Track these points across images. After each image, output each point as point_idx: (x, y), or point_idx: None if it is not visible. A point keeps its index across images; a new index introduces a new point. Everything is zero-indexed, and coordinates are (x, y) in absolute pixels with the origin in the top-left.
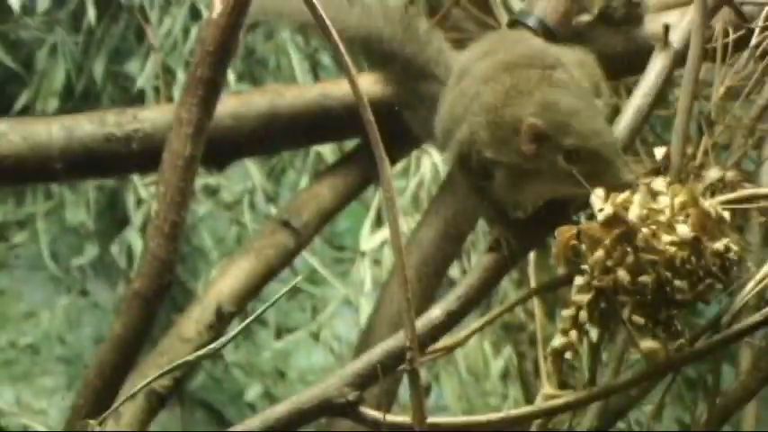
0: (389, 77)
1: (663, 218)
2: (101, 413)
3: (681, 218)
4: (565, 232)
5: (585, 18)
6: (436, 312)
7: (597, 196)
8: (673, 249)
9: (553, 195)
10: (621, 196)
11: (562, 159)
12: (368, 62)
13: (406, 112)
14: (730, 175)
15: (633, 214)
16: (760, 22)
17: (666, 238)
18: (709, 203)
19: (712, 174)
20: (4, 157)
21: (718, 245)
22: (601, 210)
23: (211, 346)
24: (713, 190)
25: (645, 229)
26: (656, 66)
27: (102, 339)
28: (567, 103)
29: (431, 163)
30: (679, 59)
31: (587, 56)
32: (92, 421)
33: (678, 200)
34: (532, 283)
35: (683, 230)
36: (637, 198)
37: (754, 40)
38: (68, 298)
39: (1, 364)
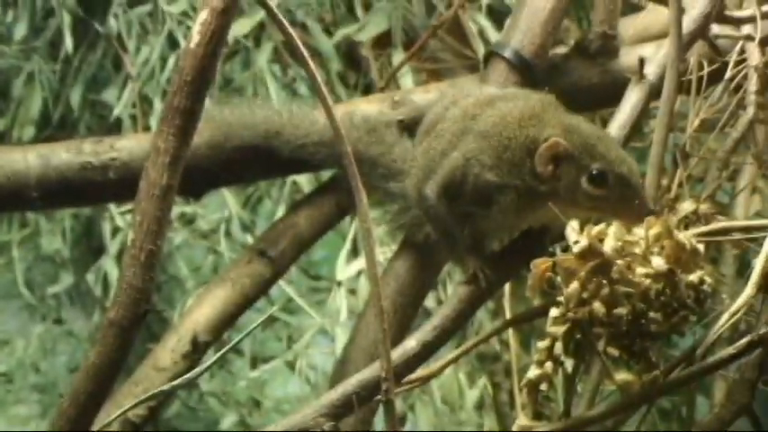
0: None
1: (638, 250)
2: None
3: (655, 250)
4: (540, 264)
5: (561, 50)
6: (411, 343)
7: (572, 228)
8: (647, 281)
9: (555, 220)
10: (596, 228)
11: (586, 182)
12: (339, 167)
13: (380, 211)
14: (704, 207)
15: (608, 246)
16: (734, 56)
17: (641, 270)
18: (684, 236)
19: (686, 206)
20: None
21: (693, 277)
22: (576, 242)
23: (187, 375)
24: (687, 222)
25: (620, 261)
26: (632, 98)
27: (77, 368)
28: (587, 128)
29: None
30: (654, 92)
31: (547, 96)
32: None
33: (653, 232)
34: (508, 314)
35: (658, 263)
36: (611, 230)
37: (728, 74)
38: (43, 326)
39: None
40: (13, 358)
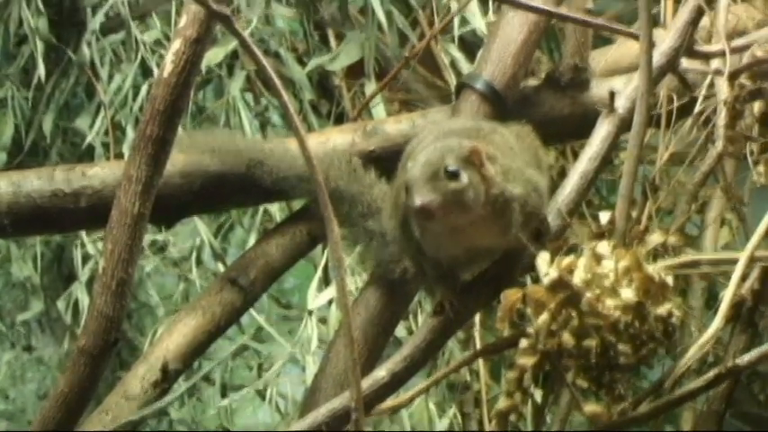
0: (340, 218)
1: (607, 282)
2: None
3: (625, 282)
4: (510, 295)
5: (533, 82)
6: (381, 373)
7: (542, 260)
8: (617, 314)
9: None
10: (566, 260)
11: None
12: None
13: (360, 248)
14: (672, 239)
15: (578, 278)
16: (703, 90)
17: (610, 302)
18: (653, 268)
19: (654, 238)
20: None
21: (662, 309)
22: (546, 273)
23: (156, 404)
24: (655, 254)
25: (589, 294)
26: (602, 131)
27: (47, 395)
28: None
29: None
30: (625, 125)
31: (524, 127)
32: None
33: (622, 264)
34: (478, 345)
35: (627, 295)
36: (581, 262)
37: (697, 108)
38: (13, 353)
39: None
40: None
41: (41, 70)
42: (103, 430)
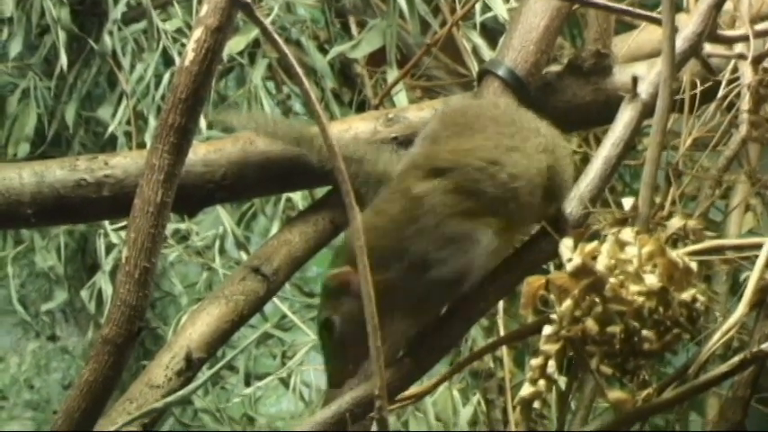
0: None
1: (630, 268)
2: None
3: (648, 268)
4: (533, 282)
5: (555, 68)
6: (405, 360)
7: (565, 246)
8: (640, 300)
9: None
10: (590, 246)
11: None
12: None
13: None
14: (692, 224)
15: (601, 264)
16: (726, 75)
17: (634, 288)
18: (677, 254)
19: (674, 222)
20: None
21: (686, 295)
22: (569, 260)
23: (180, 392)
24: (677, 239)
25: (613, 280)
26: (625, 116)
27: (71, 385)
28: None
29: None
30: (647, 110)
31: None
32: None
33: (646, 250)
34: (501, 332)
35: (651, 281)
36: (605, 248)
37: (720, 93)
38: (37, 343)
39: None
40: (6, 375)
41: (64, 60)
42: (128, 418)
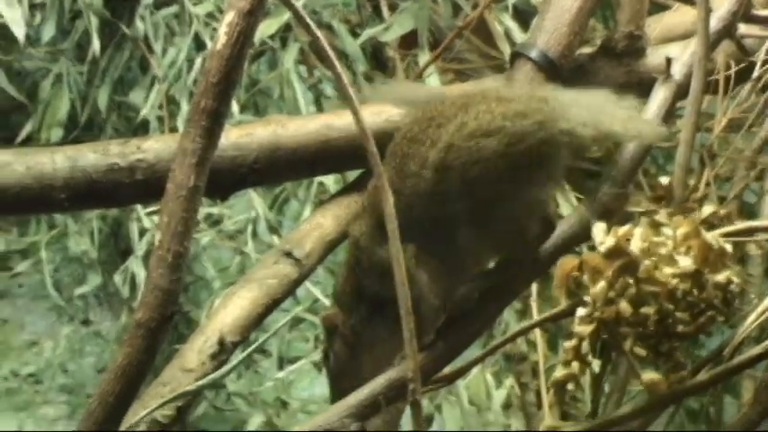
0: None
1: (664, 250)
2: None
3: (683, 250)
4: (566, 263)
5: (588, 50)
6: (438, 343)
7: (599, 228)
8: (674, 281)
9: None
10: (623, 228)
11: None
12: None
13: None
14: (723, 211)
15: (635, 246)
16: (761, 56)
17: (668, 270)
18: (711, 235)
19: (706, 209)
20: (9, 187)
21: (720, 277)
22: (602, 242)
23: (213, 375)
24: (711, 222)
25: (647, 261)
26: (659, 98)
27: (105, 369)
28: None
29: None
30: (681, 92)
31: None
32: None
33: (680, 232)
34: (535, 314)
35: (685, 263)
36: (639, 230)
37: (755, 73)
38: (71, 327)
39: (3, 393)
40: (41, 359)
41: (96, 45)
42: (161, 401)
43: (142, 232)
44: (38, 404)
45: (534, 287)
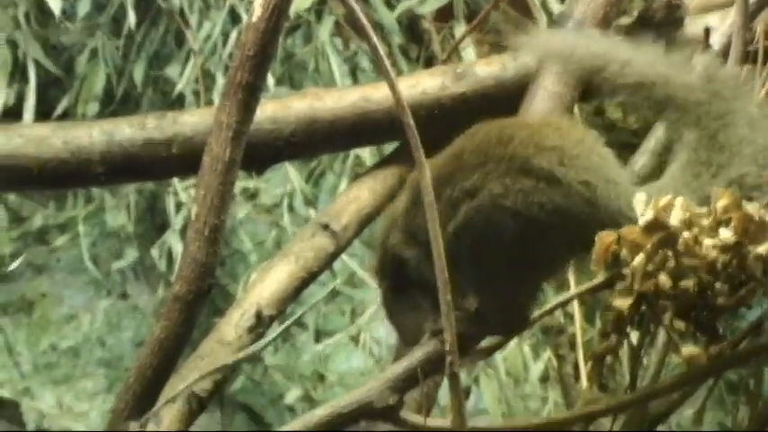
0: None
1: (705, 222)
2: (141, 416)
3: (723, 222)
4: (605, 237)
5: (625, 21)
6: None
7: (639, 200)
8: (714, 254)
9: None
10: (664, 200)
11: None
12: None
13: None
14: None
15: (675, 219)
16: None
17: (708, 242)
18: (752, 207)
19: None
20: (46, 162)
21: (761, 249)
22: (642, 214)
23: (251, 348)
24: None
25: (686, 234)
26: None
27: (143, 342)
28: None
29: None
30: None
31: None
32: (133, 423)
33: (720, 204)
34: (572, 287)
35: (726, 235)
36: (678, 201)
37: None
38: (109, 301)
39: (42, 367)
40: (79, 333)
41: (132, 19)
42: (199, 375)
43: (179, 206)
44: (77, 378)
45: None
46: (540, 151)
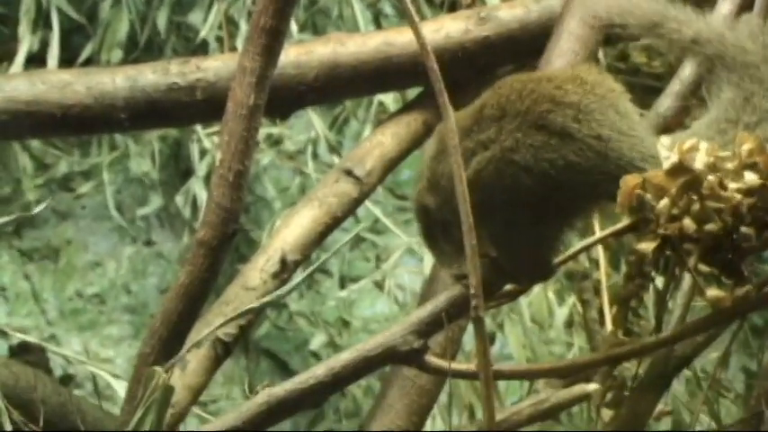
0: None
1: (730, 165)
2: (167, 361)
3: (749, 164)
4: (629, 181)
5: None
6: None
7: (662, 144)
8: (739, 197)
9: None
10: (688, 143)
11: None
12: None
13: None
14: None
15: (699, 162)
16: None
17: (733, 185)
18: None
19: None
20: (70, 107)
21: None
22: (666, 158)
23: (275, 293)
24: None
25: (711, 177)
26: (723, 10)
27: (168, 289)
28: None
29: None
30: (746, 3)
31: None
32: (158, 369)
33: (745, 147)
34: (596, 231)
35: (751, 177)
36: (703, 145)
37: None
38: (133, 248)
39: (68, 313)
40: (104, 280)
41: None
42: (224, 320)
43: (203, 153)
44: (102, 324)
45: None
46: (556, 107)
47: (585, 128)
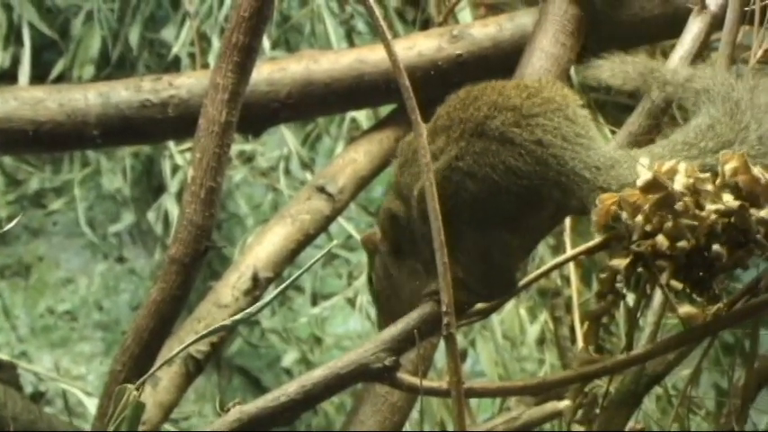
0: None
1: (709, 187)
2: (138, 378)
3: (728, 185)
4: (606, 199)
5: None
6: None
7: (641, 164)
8: (714, 216)
9: None
10: (668, 164)
11: None
12: None
13: None
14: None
15: (679, 183)
16: None
17: (711, 206)
18: (758, 170)
19: None
20: (42, 124)
21: (764, 212)
22: (644, 177)
23: (247, 310)
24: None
25: (686, 198)
26: (693, 29)
27: (139, 305)
28: None
29: None
30: (717, 23)
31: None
32: (129, 386)
33: (729, 167)
34: (568, 249)
35: (728, 199)
36: (682, 166)
37: None
38: (105, 264)
39: (39, 330)
40: (76, 296)
41: None
42: (196, 337)
43: (175, 169)
44: (74, 341)
45: (568, 222)
46: (496, 111)
47: (527, 132)
